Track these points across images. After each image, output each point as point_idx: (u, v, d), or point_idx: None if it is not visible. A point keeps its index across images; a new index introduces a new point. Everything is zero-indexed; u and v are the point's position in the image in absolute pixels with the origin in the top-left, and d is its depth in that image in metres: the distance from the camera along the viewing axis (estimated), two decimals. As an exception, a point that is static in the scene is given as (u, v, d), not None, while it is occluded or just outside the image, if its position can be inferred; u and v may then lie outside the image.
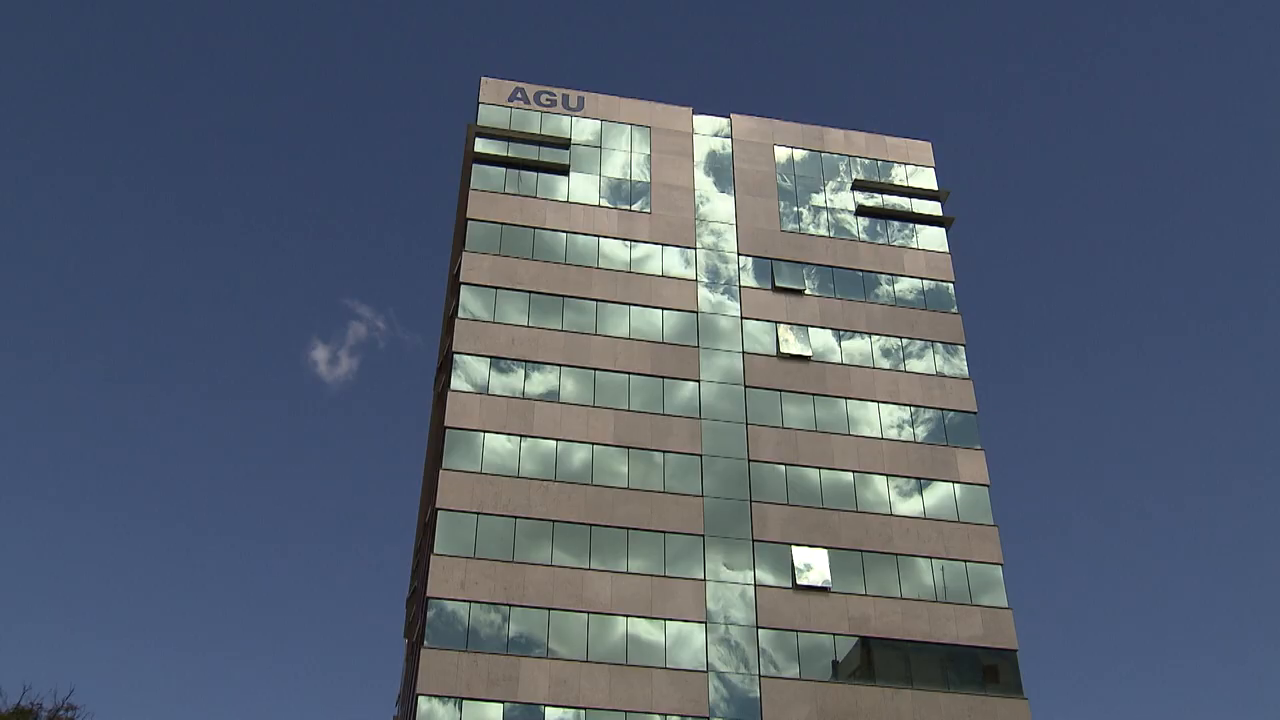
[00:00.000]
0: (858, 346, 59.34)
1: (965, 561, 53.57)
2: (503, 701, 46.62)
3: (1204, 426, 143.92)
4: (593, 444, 53.49)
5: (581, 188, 62.32)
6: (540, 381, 54.97)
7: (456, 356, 55.01)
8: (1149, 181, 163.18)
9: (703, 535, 51.99)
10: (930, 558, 53.31)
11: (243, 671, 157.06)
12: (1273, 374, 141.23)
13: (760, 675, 49.21)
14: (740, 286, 60.23)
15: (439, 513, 50.64)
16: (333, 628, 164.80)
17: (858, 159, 66.96)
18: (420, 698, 46.39)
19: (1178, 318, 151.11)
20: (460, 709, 46.20)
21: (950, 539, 54.00)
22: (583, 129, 64.76)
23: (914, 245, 64.00)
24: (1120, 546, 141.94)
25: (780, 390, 56.89)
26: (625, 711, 47.37)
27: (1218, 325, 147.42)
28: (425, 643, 47.71)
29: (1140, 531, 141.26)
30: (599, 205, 61.72)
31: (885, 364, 59.01)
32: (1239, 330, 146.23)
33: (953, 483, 55.73)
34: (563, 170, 62.56)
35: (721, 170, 65.08)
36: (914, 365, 59.29)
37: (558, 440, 53.32)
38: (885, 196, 65.73)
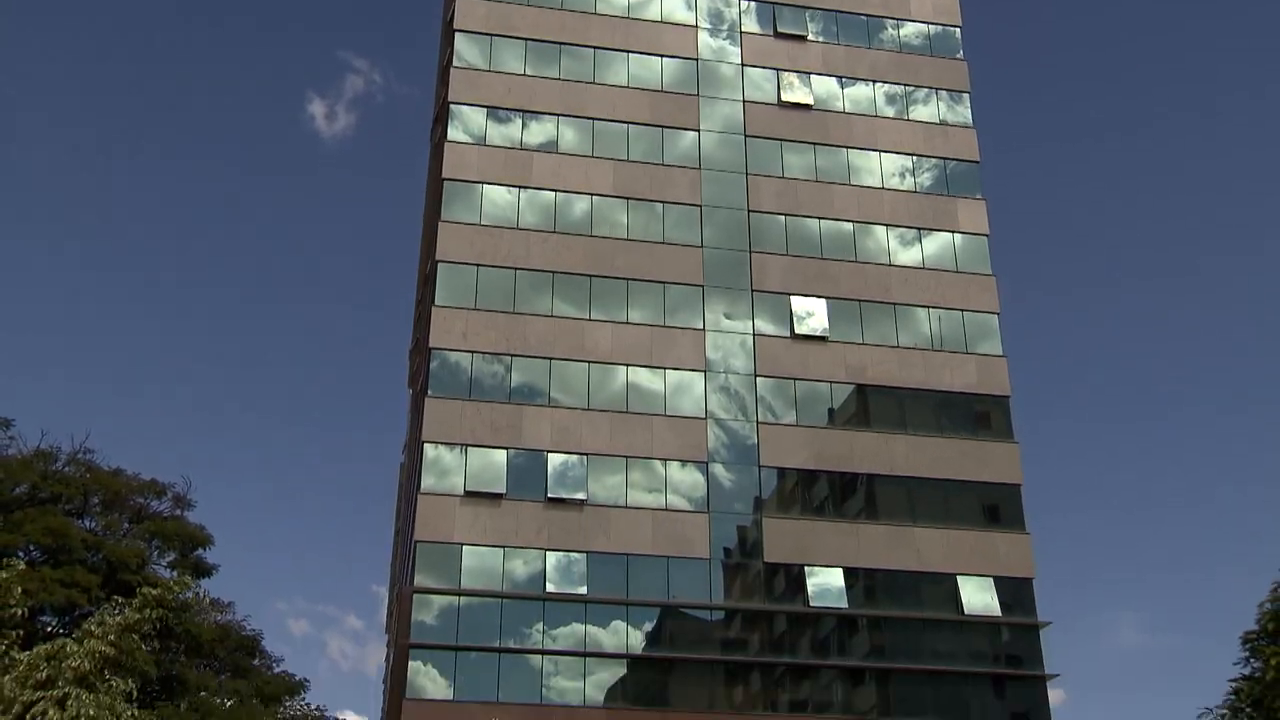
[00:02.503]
0: (861, 94, 58.11)
1: (962, 311, 54.00)
2: (507, 448, 47.79)
3: (1204, 178, 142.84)
4: (592, 194, 53.06)
5: (577, -73, 59.59)
6: (538, 131, 54.09)
7: (453, 107, 53.94)
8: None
9: (702, 285, 52.19)
10: (928, 307, 53.69)
11: (253, 424, 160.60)
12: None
13: (758, 422, 50.30)
14: (742, 32, 58.48)
15: (439, 264, 50.69)
16: (339, 380, 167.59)
17: (865, -105, 63.79)
18: (426, 445, 47.54)
19: (1187, 71, 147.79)
20: (465, 455, 47.38)
21: (948, 288, 54.28)
22: None
23: (921, -12, 61.71)
24: (1117, 297, 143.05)
25: (781, 139, 56.03)
26: (626, 457, 48.61)
27: (1225, 85, 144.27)
28: (429, 392, 48.55)
29: (1138, 284, 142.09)
30: (595, -54, 59.17)
31: (889, 112, 57.92)
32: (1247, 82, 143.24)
33: (952, 232, 55.60)
34: (557, -91, 59.68)
35: (723, -92, 62.11)
36: (917, 113, 58.21)
37: (557, 191, 52.85)
38: (892, -64, 62.96)
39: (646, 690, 45.91)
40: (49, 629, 34.32)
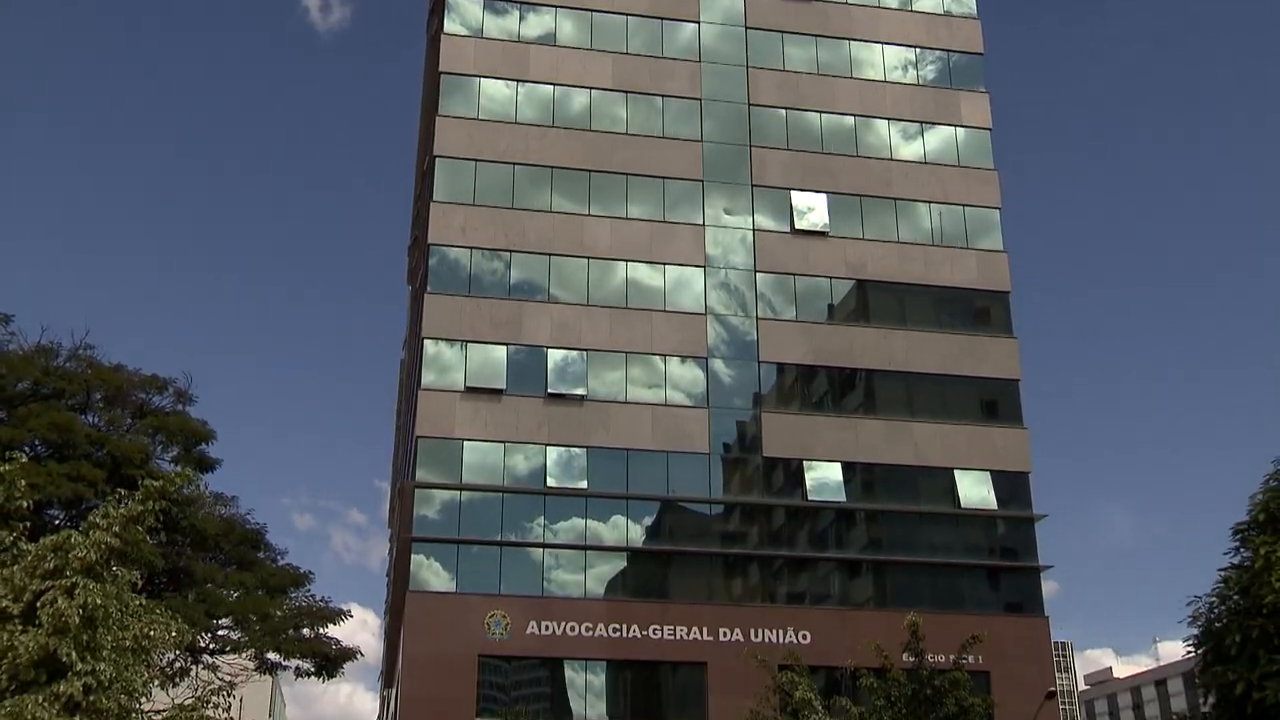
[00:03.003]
0: (864, -16, 56.89)
1: (963, 206, 53.67)
2: (506, 344, 47.89)
3: (1204, 69, 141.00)
4: (591, 88, 52.40)
5: None
6: (536, 24, 53.22)
7: (448, -2, 52.94)
8: None
9: (702, 180, 51.80)
10: (929, 202, 53.36)
11: (253, 322, 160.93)
12: None
13: (758, 317, 50.33)
14: (742, -80, 57.07)
15: (436, 160, 50.28)
16: (339, 275, 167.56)
17: None
18: (426, 341, 47.64)
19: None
20: (465, 351, 47.50)
21: (949, 183, 53.88)
22: None
23: (926, -127, 60.18)
24: (1120, 193, 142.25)
25: (782, 31, 55.11)
26: (626, 352, 48.75)
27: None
28: (428, 289, 48.51)
29: (1139, 177, 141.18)
30: None
31: (891, 2, 56.81)
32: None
33: (954, 126, 55.02)
34: None
35: None
36: (921, 3, 57.12)
37: (555, 85, 52.18)
38: None
39: (646, 583, 46.62)
40: (56, 522, 34.70)
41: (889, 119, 54.50)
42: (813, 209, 52.09)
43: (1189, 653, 22.78)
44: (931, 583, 47.81)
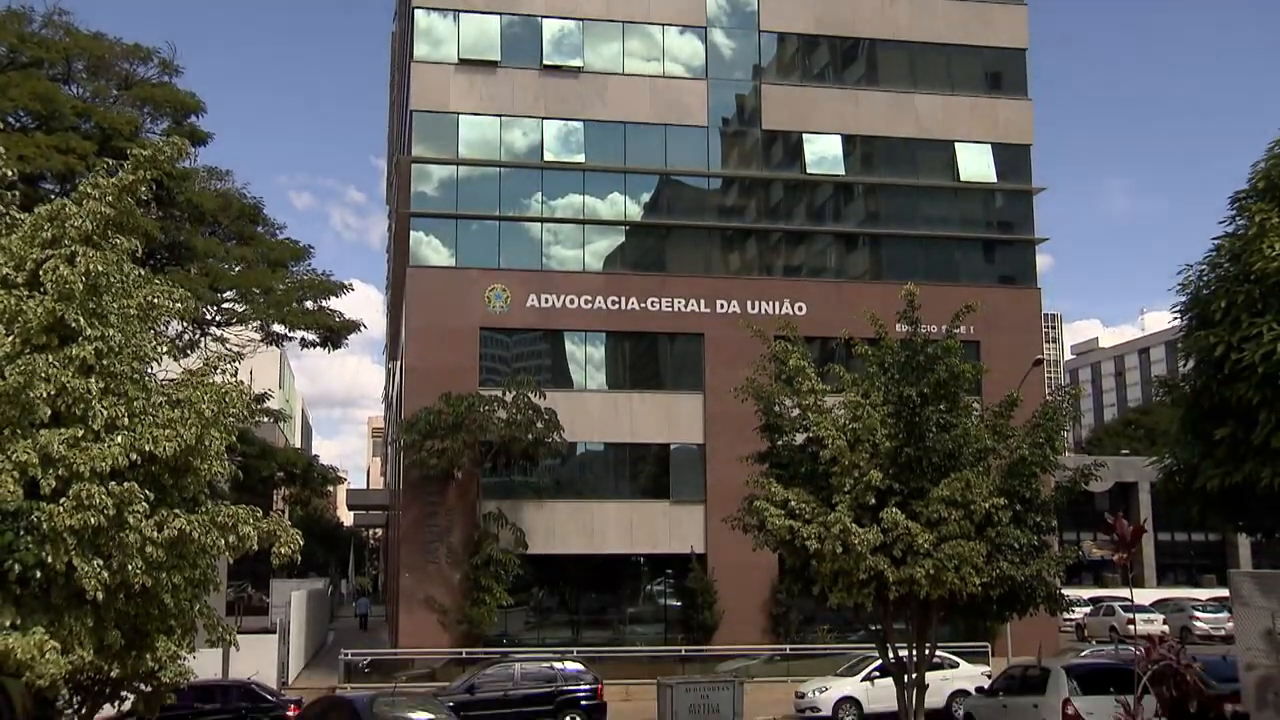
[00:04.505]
0: None
1: None
2: (500, 13, 46.37)
3: None
4: None
5: None
6: None
7: None
8: None
9: None
10: None
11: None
12: None
13: (759, -16, 48.53)
14: None
15: None
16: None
17: None
18: (417, 11, 46.11)
19: None
20: (458, 21, 46.05)
21: None
22: None
23: None
24: None
25: None
26: (623, 23, 47.28)
27: None
28: (417, -46, 46.51)
29: None
30: None
31: None
32: None
33: None
34: None
35: None
36: None
37: None
38: None
39: (644, 256, 46.96)
40: (51, 196, 34.54)
41: None
42: None
43: (1174, 320, 23.21)
44: (927, 255, 48.16)
